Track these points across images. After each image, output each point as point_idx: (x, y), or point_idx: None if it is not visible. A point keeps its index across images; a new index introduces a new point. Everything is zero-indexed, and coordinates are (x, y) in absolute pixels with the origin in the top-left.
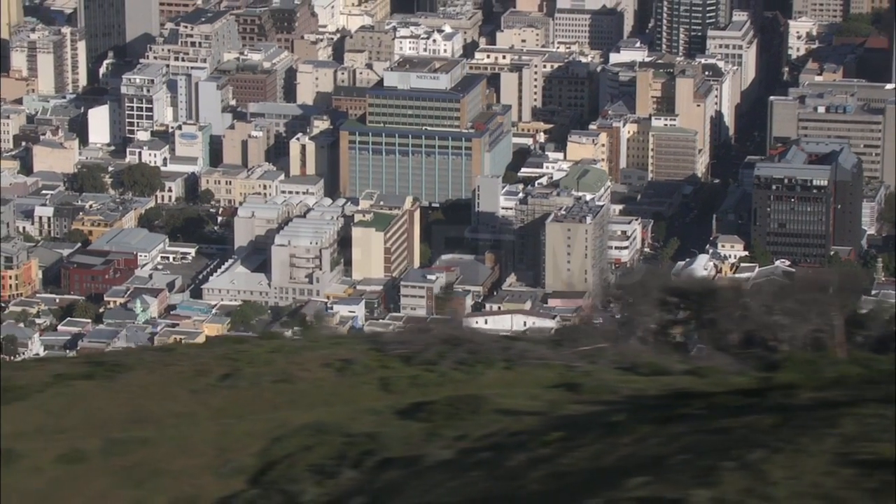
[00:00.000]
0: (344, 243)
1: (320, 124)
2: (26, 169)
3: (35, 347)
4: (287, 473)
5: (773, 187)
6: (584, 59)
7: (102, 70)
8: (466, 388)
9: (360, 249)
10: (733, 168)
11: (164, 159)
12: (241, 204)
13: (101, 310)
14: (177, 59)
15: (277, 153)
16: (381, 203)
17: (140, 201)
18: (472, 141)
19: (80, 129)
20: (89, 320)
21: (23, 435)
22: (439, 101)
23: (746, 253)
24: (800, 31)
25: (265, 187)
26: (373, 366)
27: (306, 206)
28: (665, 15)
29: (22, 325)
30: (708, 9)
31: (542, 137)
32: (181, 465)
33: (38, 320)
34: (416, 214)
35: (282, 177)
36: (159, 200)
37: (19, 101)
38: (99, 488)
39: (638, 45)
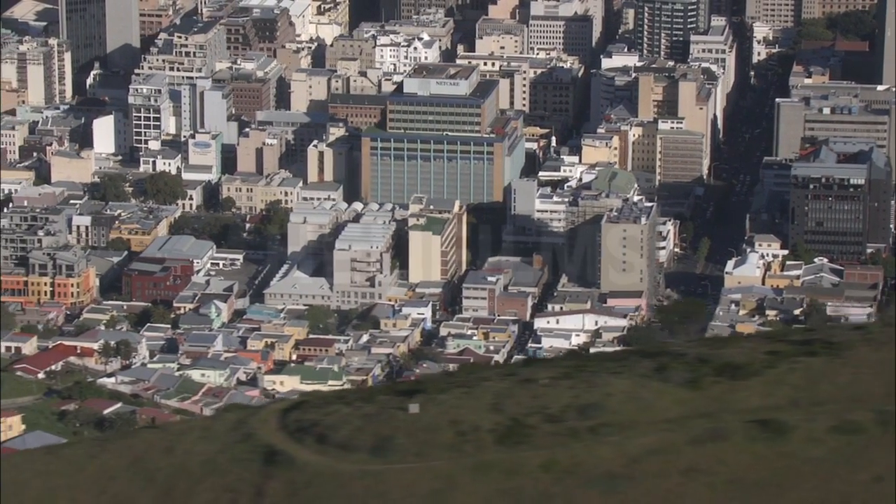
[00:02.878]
0: (397, 247)
1: (336, 131)
2: (41, 179)
3: (143, 351)
4: None
5: (811, 186)
6: (564, 65)
7: (90, 81)
8: None
9: (417, 253)
10: (732, 169)
11: (178, 168)
12: (263, 211)
13: (171, 315)
14: (172, 68)
15: (289, 160)
16: (431, 207)
17: (166, 210)
18: (493, 146)
19: (81, 139)
20: (168, 325)
21: (780, 408)
22: (460, 106)
23: (785, 252)
24: (757, 36)
25: (286, 194)
26: None
27: (355, 212)
28: (646, 20)
29: (111, 330)
30: (689, 14)
31: (548, 142)
32: None
33: (115, 327)
34: (464, 218)
35: (301, 183)
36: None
37: (12, 113)
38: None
39: (626, 50)
